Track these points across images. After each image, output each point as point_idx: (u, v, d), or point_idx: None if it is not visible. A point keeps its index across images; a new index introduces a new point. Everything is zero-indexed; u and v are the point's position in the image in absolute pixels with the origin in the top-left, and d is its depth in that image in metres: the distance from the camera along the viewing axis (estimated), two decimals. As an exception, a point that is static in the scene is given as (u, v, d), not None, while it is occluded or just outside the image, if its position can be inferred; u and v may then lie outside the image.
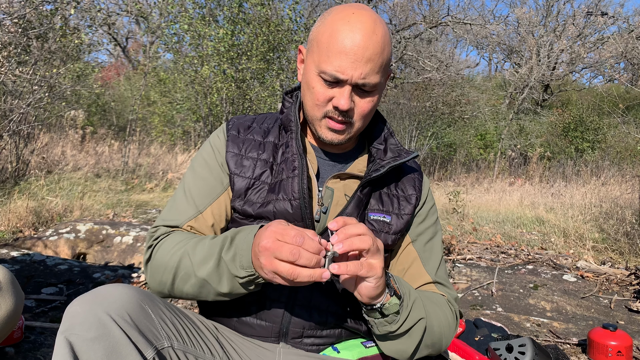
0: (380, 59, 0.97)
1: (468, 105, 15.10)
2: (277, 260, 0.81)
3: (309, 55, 1.03)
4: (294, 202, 1.02)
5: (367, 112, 1.03)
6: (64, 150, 7.57)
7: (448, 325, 1.04)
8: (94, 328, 0.75)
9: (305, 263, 0.79)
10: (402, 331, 0.95)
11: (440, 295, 1.09)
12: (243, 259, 0.88)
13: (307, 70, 1.03)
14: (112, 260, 3.30)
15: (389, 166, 1.06)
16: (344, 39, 0.94)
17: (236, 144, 1.11)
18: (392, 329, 0.95)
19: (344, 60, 0.94)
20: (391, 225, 1.09)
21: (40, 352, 1.73)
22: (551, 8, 18.99)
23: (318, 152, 1.13)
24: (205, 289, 0.95)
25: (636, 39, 12.45)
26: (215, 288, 0.94)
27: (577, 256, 4.06)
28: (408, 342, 0.98)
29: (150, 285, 1.03)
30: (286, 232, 0.81)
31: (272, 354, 1.05)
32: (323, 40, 0.98)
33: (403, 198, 1.13)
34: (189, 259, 0.95)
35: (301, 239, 0.80)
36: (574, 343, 2.24)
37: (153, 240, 1.05)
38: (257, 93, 7.46)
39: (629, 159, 10.90)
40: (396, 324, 0.94)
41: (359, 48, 0.94)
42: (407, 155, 1.10)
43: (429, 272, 1.11)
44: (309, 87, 1.02)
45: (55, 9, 5.53)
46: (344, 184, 1.09)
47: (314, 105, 1.02)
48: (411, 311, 0.95)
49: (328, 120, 1.02)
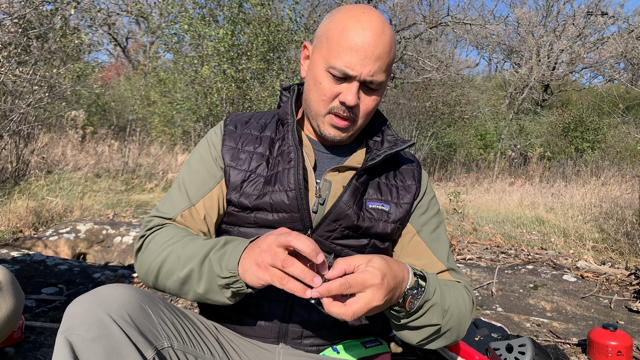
0: (387, 58, 0.99)
1: (468, 105, 15.10)
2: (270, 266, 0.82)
3: (317, 51, 1.03)
4: (290, 192, 1.03)
5: (370, 109, 1.04)
6: (64, 150, 7.57)
7: (468, 314, 1.04)
8: (94, 328, 0.75)
9: (298, 275, 0.80)
10: (410, 326, 0.95)
11: (458, 283, 1.09)
12: (230, 261, 0.88)
13: (314, 66, 1.03)
14: (112, 260, 3.30)
15: (384, 154, 1.07)
16: (355, 36, 0.96)
17: (233, 138, 1.12)
18: (398, 323, 0.95)
19: (355, 56, 0.96)
20: (390, 213, 1.10)
21: (40, 352, 1.73)
22: (551, 8, 19.00)
23: (315, 145, 1.14)
24: (185, 286, 0.96)
25: (636, 39, 12.44)
26: (194, 287, 0.94)
27: (577, 256, 4.06)
28: (415, 335, 0.98)
29: (138, 274, 1.05)
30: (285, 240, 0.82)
31: (271, 355, 1.05)
32: (333, 36, 0.99)
33: (402, 188, 1.14)
34: (177, 254, 0.96)
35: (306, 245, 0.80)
36: (574, 343, 2.24)
37: (146, 230, 1.06)
38: (257, 93, 7.46)
39: (629, 159, 10.90)
40: (404, 319, 0.93)
41: (370, 45, 0.96)
42: (403, 144, 1.11)
43: (442, 260, 1.11)
44: (315, 83, 1.02)
45: (55, 9, 5.53)
46: (343, 177, 1.09)
47: (320, 101, 1.02)
48: (423, 316, 0.93)
49: (332, 117, 1.03)
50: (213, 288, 0.91)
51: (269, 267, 0.81)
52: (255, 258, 0.84)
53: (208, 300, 0.94)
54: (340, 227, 1.05)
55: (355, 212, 1.05)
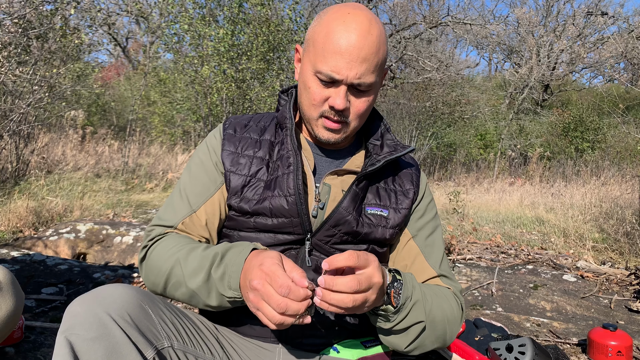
0: (375, 59, 0.97)
1: (468, 105, 15.10)
2: (264, 302, 0.81)
3: (305, 54, 1.03)
4: (289, 198, 1.03)
5: (362, 111, 1.03)
6: (64, 150, 7.57)
7: (454, 319, 1.04)
8: (94, 328, 0.75)
9: (293, 314, 0.79)
10: (396, 329, 0.96)
11: (446, 289, 1.09)
12: (232, 280, 0.89)
13: (303, 70, 1.03)
14: (112, 260, 3.30)
15: (384, 160, 1.07)
16: (339, 39, 0.95)
17: (232, 143, 1.11)
18: (385, 327, 0.96)
19: (340, 60, 0.95)
20: (389, 219, 1.10)
21: (40, 352, 1.73)
22: (551, 8, 18.99)
23: (314, 149, 1.14)
24: (195, 299, 0.97)
25: (636, 39, 12.44)
26: (204, 300, 0.95)
27: (577, 256, 4.06)
28: (403, 339, 0.99)
29: (145, 283, 1.05)
30: (275, 279, 0.80)
31: (271, 354, 1.05)
32: (319, 40, 0.98)
33: (400, 192, 1.13)
34: (181, 268, 0.96)
35: (287, 290, 0.78)
36: (574, 343, 2.24)
37: (148, 240, 1.06)
38: (257, 93, 7.46)
39: (629, 159, 10.89)
40: (390, 323, 0.95)
41: (354, 48, 0.94)
42: (403, 150, 1.11)
43: (433, 266, 1.11)
44: (305, 87, 1.02)
45: (55, 9, 5.53)
46: (342, 180, 1.09)
47: (310, 105, 1.02)
48: (409, 314, 0.95)
49: (324, 120, 1.03)
50: (224, 302, 0.93)
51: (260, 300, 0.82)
52: (247, 291, 0.85)
53: (224, 308, 0.97)
54: (340, 233, 1.06)
55: (355, 218, 1.05)
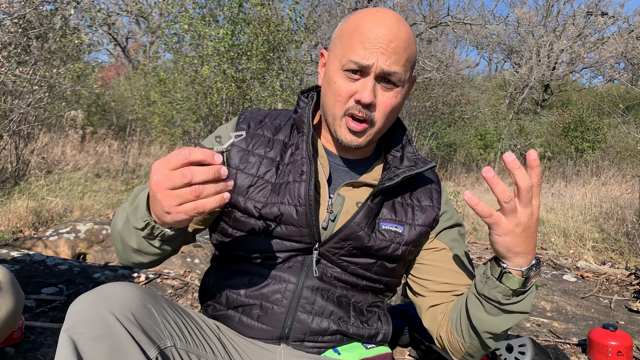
0: (404, 54, 0.96)
1: (468, 105, 15.10)
2: (174, 190, 0.74)
3: (332, 53, 1.02)
4: (299, 208, 1.00)
5: (389, 109, 0.99)
6: (64, 150, 7.57)
7: None
8: (97, 327, 0.75)
9: (205, 178, 0.73)
10: (510, 309, 0.90)
11: None
12: (141, 210, 0.85)
13: (328, 68, 1.02)
14: (112, 260, 3.30)
15: (403, 175, 1.03)
16: (368, 31, 0.94)
17: (244, 139, 1.08)
18: (504, 302, 0.89)
19: (369, 47, 0.94)
20: (403, 235, 1.06)
21: (40, 352, 1.72)
22: (551, 8, 18.99)
23: (332, 157, 1.10)
24: (126, 246, 0.93)
25: (636, 39, 12.45)
26: (129, 244, 0.91)
27: (577, 256, 4.06)
28: (505, 321, 0.92)
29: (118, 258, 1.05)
30: (170, 158, 0.74)
31: (273, 355, 1.05)
32: (346, 35, 0.98)
33: (418, 208, 1.09)
34: (116, 222, 0.95)
35: (186, 152, 0.73)
36: (574, 343, 2.24)
37: None
38: (257, 93, 7.46)
39: (629, 159, 10.89)
40: (514, 298, 0.89)
41: (384, 38, 0.94)
42: (423, 165, 1.06)
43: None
44: (330, 84, 1.00)
45: (55, 9, 5.53)
46: (357, 192, 1.06)
47: (335, 102, 0.99)
48: (525, 298, 0.89)
49: (348, 120, 0.99)
50: (141, 241, 0.89)
51: (170, 191, 0.74)
52: (154, 194, 0.77)
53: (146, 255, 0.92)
54: (349, 246, 1.03)
55: (367, 233, 1.02)
